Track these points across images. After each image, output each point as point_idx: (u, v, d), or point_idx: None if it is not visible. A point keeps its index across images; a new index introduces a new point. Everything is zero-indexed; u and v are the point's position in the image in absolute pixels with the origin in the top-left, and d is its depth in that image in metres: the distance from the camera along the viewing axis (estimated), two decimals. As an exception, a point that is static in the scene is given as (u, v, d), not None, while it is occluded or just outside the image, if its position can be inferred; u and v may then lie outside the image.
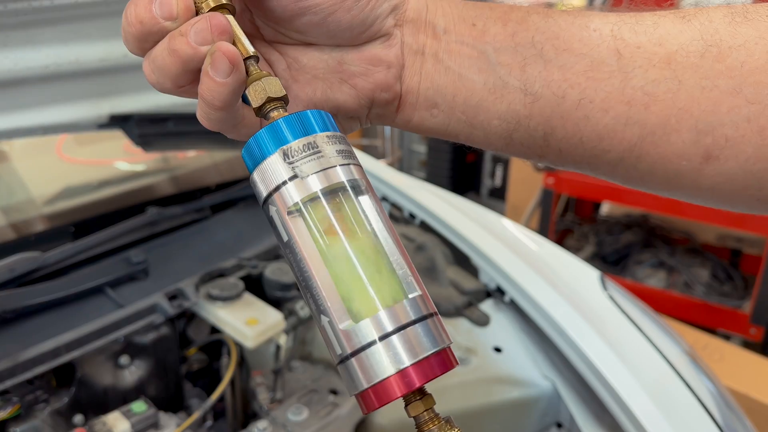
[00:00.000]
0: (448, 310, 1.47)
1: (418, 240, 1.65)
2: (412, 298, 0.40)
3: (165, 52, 0.42)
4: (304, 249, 0.41)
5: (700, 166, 0.43)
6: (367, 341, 0.39)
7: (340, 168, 0.42)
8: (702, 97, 0.41)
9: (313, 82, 0.49)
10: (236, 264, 1.49)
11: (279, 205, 0.41)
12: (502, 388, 1.31)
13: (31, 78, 1.21)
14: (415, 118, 0.50)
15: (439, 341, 0.40)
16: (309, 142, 0.41)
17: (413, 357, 0.39)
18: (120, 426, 1.12)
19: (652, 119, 0.42)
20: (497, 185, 4.65)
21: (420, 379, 0.39)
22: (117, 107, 1.42)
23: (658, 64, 0.42)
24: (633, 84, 0.42)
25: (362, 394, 0.40)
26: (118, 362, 1.28)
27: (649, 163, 0.44)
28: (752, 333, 2.90)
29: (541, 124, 0.45)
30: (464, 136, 0.50)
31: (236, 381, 1.38)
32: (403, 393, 0.39)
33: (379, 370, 0.39)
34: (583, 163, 0.47)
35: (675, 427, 1.14)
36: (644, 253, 3.38)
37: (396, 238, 0.43)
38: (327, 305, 0.40)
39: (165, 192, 1.76)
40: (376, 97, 0.48)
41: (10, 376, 1.11)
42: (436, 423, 0.40)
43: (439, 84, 0.48)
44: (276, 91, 0.44)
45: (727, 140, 0.41)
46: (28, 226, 1.59)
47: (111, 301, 1.34)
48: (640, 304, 1.49)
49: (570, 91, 0.44)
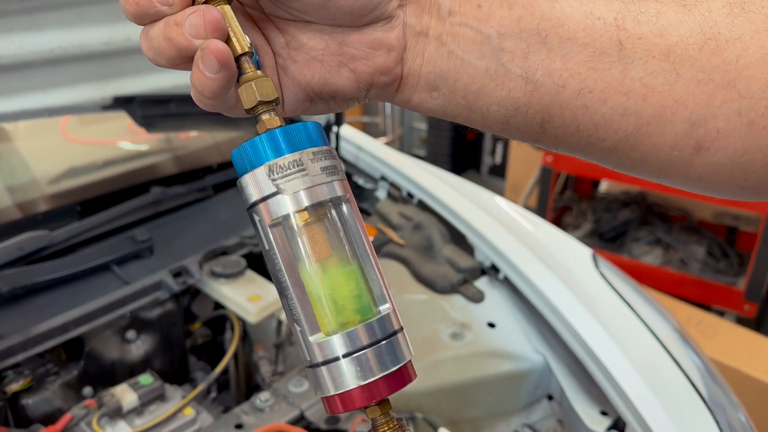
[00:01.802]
0: (444, 287, 1.51)
1: (415, 219, 1.69)
2: (382, 316, 0.44)
3: (161, 36, 0.43)
4: (282, 261, 0.43)
5: (690, 156, 0.44)
6: (335, 355, 0.42)
7: (323, 186, 0.43)
8: (697, 90, 0.42)
9: (311, 63, 0.48)
10: (238, 242, 1.53)
11: (263, 215, 0.43)
12: (495, 362, 1.35)
13: (37, 61, 1.24)
14: (415, 99, 0.49)
15: (401, 357, 0.43)
16: (295, 160, 0.43)
17: (378, 372, 0.42)
18: (128, 397, 1.17)
19: (649, 110, 0.43)
20: (497, 163, 4.67)
21: (382, 393, 0.43)
22: (120, 89, 1.44)
23: (657, 56, 0.42)
24: (632, 75, 0.43)
25: (328, 398, 0.44)
26: (124, 337, 1.33)
27: (642, 153, 0.45)
28: (746, 309, 2.94)
29: (540, 112, 0.45)
30: (462, 119, 0.50)
31: (239, 355, 1.43)
32: (366, 404, 0.43)
33: (346, 381, 0.42)
34: (578, 149, 0.48)
35: (661, 400, 1.18)
36: (641, 231, 3.41)
37: (372, 252, 0.45)
38: (300, 317, 0.43)
39: (168, 171, 1.79)
40: (376, 80, 0.48)
41: (22, 350, 1.16)
42: (390, 425, 0.44)
43: (441, 68, 0.47)
44: (267, 95, 0.44)
45: (719, 132, 0.42)
46: (35, 205, 1.63)
47: (117, 278, 1.38)
48: (630, 282, 1.53)
49: (570, 80, 0.44)
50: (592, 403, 1.28)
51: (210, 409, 1.28)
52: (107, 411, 1.14)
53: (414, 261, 1.58)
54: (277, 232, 0.43)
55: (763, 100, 0.41)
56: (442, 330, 1.39)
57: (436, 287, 1.51)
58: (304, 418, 1.19)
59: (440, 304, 1.47)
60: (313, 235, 0.43)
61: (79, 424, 1.13)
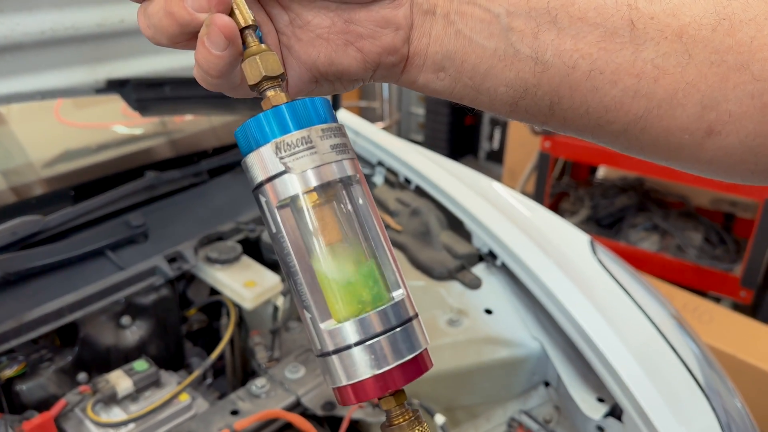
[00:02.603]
0: (442, 274, 1.50)
1: (413, 205, 1.68)
2: (396, 302, 0.41)
3: (162, 12, 0.41)
4: (291, 244, 0.41)
5: (701, 140, 0.43)
6: (348, 342, 0.40)
7: (333, 165, 0.41)
8: (710, 72, 0.41)
9: (316, 42, 0.46)
10: (234, 227, 1.52)
11: (270, 196, 0.41)
12: (492, 348, 1.35)
13: (29, 43, 1.22)
14: (420, 79, 0.48)
15: (416, 345, 0.41)
16: (303, 137, 0.40)
17: (392, 361, 0.40)
18: (123, 384, 1.16)
19: (660, 93, 0.42)
20: (495, 148, 4.65)
21: (397, 383, 0.41)
22: (114, 72, 1.42)
23: (670, 37, 0.41)
24: (644, 56, 0.41)
25: (340, 389, 0.42)
26: (119, 322, 1.32)
27: (653, 136, 0.44)
28: (742, 296, 2.95)
29: (549, 94, 0.44)
30: (469, 100, 0.48)
31: (235, 340, 1.42)
32: (380, 395, 0.41)
33: (359, 370, 0.40)
34: (587, 132, 0.47)
35: (657, 386, 1.18)
36: (638, 217, 3.41)
37: (384, 235, 0.43)
38: (310, 302, 0.41)
39: (163, 156, 1.78)
40: (383, 60, 0.46)
41: (16, 335, 1.15)
42: (406, 417, 0.42)
43: (448, 48, 0.46)
44: (273, 69, 0.42)
45: (730, 116, 0.41)
46: (29, 189, 1.61)
47: (112, 264, 1.37)
48: (628, 268, 1.52)
49: (581, 61, 0.43)
50: (589, 390, 1.28)
51: (206, 395, 1.28)
52: (102, 397, 1.14)
53: (411, 247, 1.58)
54: (284, 213, 0.41)
55: None
56: (439, 316, 1.39)
57: (434, 273, 1.51)
58: (301, 404, 1.19)
59: (437, 291, 1.46)
60: (323, 217, 0.41)
61: (73, 410, 1.13)
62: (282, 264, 0.42)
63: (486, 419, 1.34)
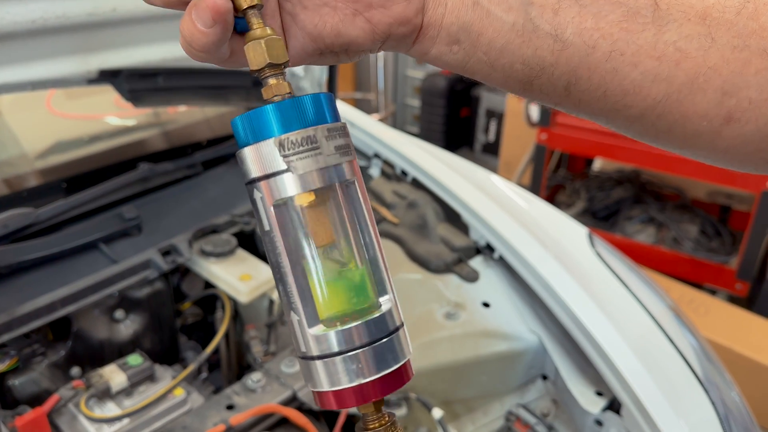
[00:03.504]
0: (439, 267, 1.49)
1: (409, 197, 1.66)
2: (383, 313, 0.41)
3: None
4: (283, 244, 0.40)
5: (719, 127, 0.42)
6: (334, 350, 0.40)
7: (335, 168, 0.40)
8: (732, 56, 0.40)
9: (323, 11, 0.44)
10: (229, 220, 1.50)
11: (265, 193, 0.39)
12: (489, 342, 1.34)
13: (18, 32, 1.19)
14: (433, 51, 0.46)
15: (399, 357, 0.41)
16: (309, 136, 0.39)
17: (375, 373, 0.40)
18: (116, 378, 1.15)
19: (681, 77, 0.41)
20: (491, 140, 4.64)
21: (378, 394, 0.40)
22: (106, 62, 1.40)
23: (693, 19, 0.40)
24: (666, 38, 0.41)
25: (321, 393, 0.41)
26: (113, 316, 1.30)
27: (670, 122, 0.43)
28: (738, 288, 2.95)
29: (566, 74, 0.43)
30: (482, 75, 0.47)
31: (230, 334, 1.41)
32: (360, 404, 0.41)
33: (341, 379, 0.40)
34: (602, 115, 0.45)
35: (656, 379, 1.17)
36: (634, 209, 3.40)
37: (377, 238, 0.42)
38: (299, 305, 0.40)
39: (156, 147, 1.76)
40: (393, 31, 0.44)
41: (7, 330, 1.13)
42: (382, 423, 0.42)
43: (464, 20, 0.44)
44: (278, 56, 0.41)
45: (750, 102, 0.40)
46: (20, 181, 1.59)
47: (105, 257, 1.36)
48: (627, 261, 1.52)
49: (602, 41, 0.41)
50: (588, 384, 1.27)
51: (201, 390, 1.26)
52: (96, 392, 1.13)
53: (408, 240, 1.56)
54: (279, 212, 0.40)
55: None
56: (437, 310, 1.38)
57: (431, 266, 1.49)
58: (297, 399, 1.18)
59: (434, 284, 1.45)
60: (318, 219, 0.40)
61: (66, 405, 1.11)
62: (272, 264, 0.41)
63: (483, 413, 1.34)
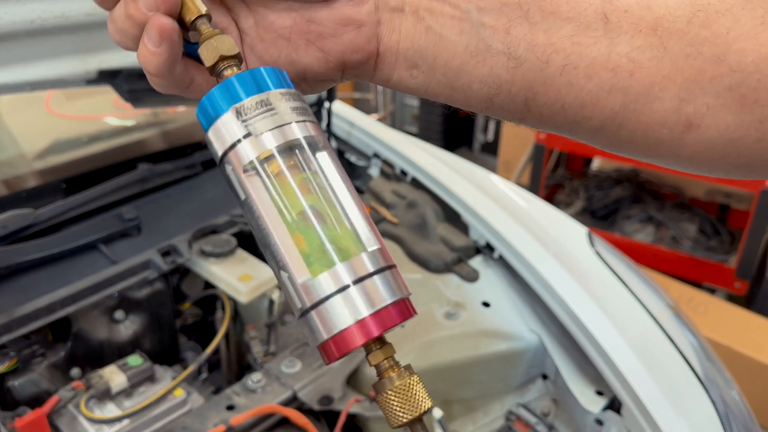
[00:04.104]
0: (439, 266, 1.49)
1: (409, 197, 1.66)
2: (371, 251, 0.41)
3: (123, 15, 0.43)
4: (261, 207, 0.41)
5: (681, 135, 0.42)
6: (325, 294, 0.40)
7: (295, 125, 0.41)
8: (686, 65, 0.40)
9: (278, 42, 0.47)
10: (228, 220, 1.50)
11: (234, 163, 0.41)
12: (489, 341, 1.34)
13: (17, 33, 1.19)
14: (394, 77, 0.48)
15: (397, 292, 0.41)
16: (262, 100, 0.41)
17: (371, 307, 0.39)
18: (116, 379, 1.15)
19: (636, 87, 0.42)
20: (489, 140, 4.64)
21: (378, 329, 0.40)
22: (105, 62, 1.39)
23: (644, 30, 0.41)
24: (618, 50, 0.41)
25: (323, 345, 0.41)
26: (113, 317, 1.30)
27: (630, 131, 0.44)
28: (737, 287, 2.95)
29: (523, 90, 0.44)
30: (444, 98, 0.48)
31: (230, 334, 1.41)
32: (363, 342, 0.40)
33: (338, 321, 0.39)
34: (564, 128, 0.46)
35: (656, 378, 1.17)
36: (633, 208, 3.41)
37: (354, 193, 0.43)
38: (286, 260, 0.40)
39: (156, 148, 1.75)
40: (347, 59, 0.47)
41: (7, 331, 1.13)
42: (395, 370, 0.41)
43: (419, 45, 0.46)
44: (228, 49, 0.43)
45: (708, 108, 0.41)
46: (19, 182, 1.59)
47: (104, 257, 1.35)
48: (626, 260, 1.52)
49: (554, 56, 0.42)
50: (588, 383, 1.27)
51: (201, 390, 1.26)
52: (95, 393, 1.12)
53: (407, 239, 1.56)
54: (251, 178, 0.41)
55: (754, 74, 0.39)
56: (436, 309, 1.38)
57: (430, 266, 1.49)
58: (297, 399, 1.18)
59: (434, 284, 1.45)
60: (289, 177, 0.41)
61: (66, 406, 1.11)
62: (254, 230, 0.42)
63: (484, 413, 1.34)
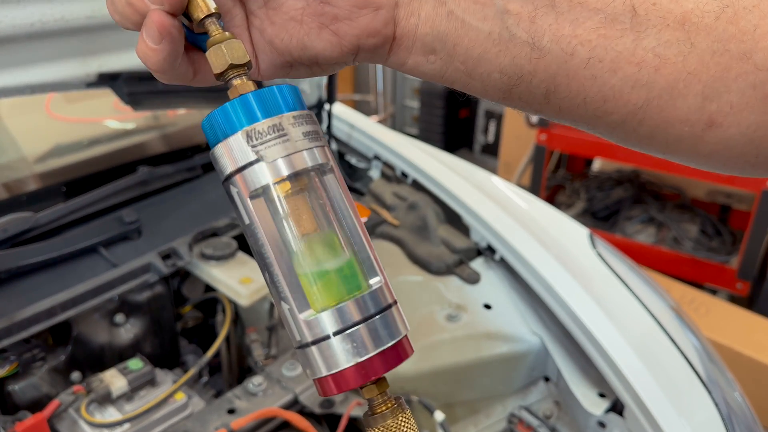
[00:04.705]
0: (440, 269, 1.49)
1: (410, 199, 1.66)
2: (373, 289, 0.41)
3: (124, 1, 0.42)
4: (265, 235, 0.40)
5: (702, 132, 0.41)
6: (327, 333, 0.39)
7: (305, 153, 0.40)
8: (712, 61, 0.39)
9: (289, 25, 0.44)
10: (229, 223, 1.50)
11: (241, 186, 0.40)
12: (491, 344, 1.34)
13: (17, 36, 1.19)
14: (410, 62, 0.46)
15: (396, 332, 0.41)
16: (275, 124, 0.40)
17: (373, 349, 0.40)
18: (117, 383, 1.15)
19: (661, 82, 0.40)
20: (490, 141, 4.64)
21: (377, 371, 0.40)
22: (105, 65, 1.39)
23: (672, 24, 0.40)
24: (644, 45, 0.40)
25: (321, 380, 0.41)
26: (113, 320, 1.30)
27: (651, 127, 0.43)
28: (739, 288, 2.95)
29: (545, 81, 0.43)
30: (460, 85, 0.46)
31: (231, 338, 1.40)
32: (361, 383, 0.40)
33: (339, 360, 0.40)
34: (582, 122, 0.45)
35: (659, 380, 1.17)
36: (634, 209, 3.40)
37: (359, 223, 0.42)
38: (287, 293, 0.40)
39: (156, 150, 1.75)
40: (362, 43, 0.44)
41: (7, 335, 1.13)
42: (388, 405, 0.41)
43: (439, 30, 0.44)
44: (239, 58, 0.42)
45: (732, 107, 0.40)
46: (20, 185, 1.59)
47: (105, 261, 1.35)
48: (628, 262, 1.51)
49: (580, 48, 0.41)
50: (590, 385, 1.27)
51: (202, 394, 1.26)
52: (96, 397, 1.12)
53: (408, 242, 1.56)
54: (257, 204, 0.40)
55: None
56: (438, 312, 1.37)
57: (431, 268, 1.49)
58: (298, 402, 1.17)
59: (435, 286, 1.45)
60: (296, 206, 0.41)
61: (67, 410, 1.11)
62: (257, 256, 0.41)
63: (486, 415, 1.33)
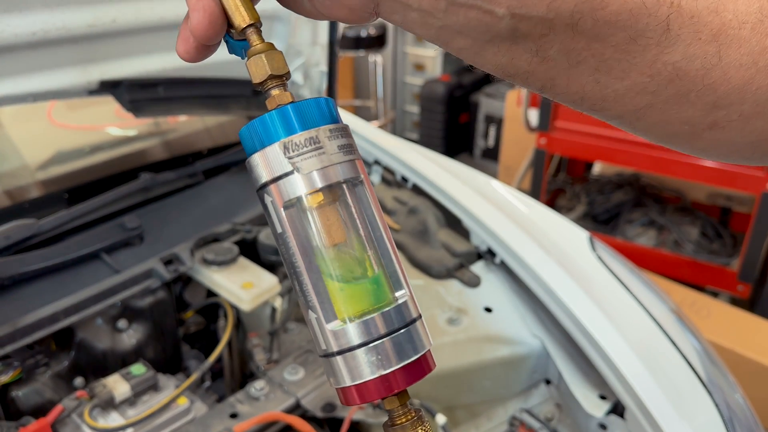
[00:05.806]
0: (440, 272, 1.49)
1: (410, 203, 1.67)
2: (399, 303, 0.42)
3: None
4: (297, 244, 0.41)
5: (701, 132, 0.40)
6: (354, 344, 0.40)
7: (339, 166, 0.41)
8: (736, 75, 0.37)
9: None
10: (230, 229, 1.51)
11: (275, 196, 0.41)
12: (492, 347, 1.34)
13: (19, 45, 1.20)
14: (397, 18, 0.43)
15: (420, 347, 0.42)
16: (311, 137, 0.41)
17: (398, 362, 0.40)
18: (120, 388, 1.15)
19: (670, 91, 0.38)
20: (490, 146, 4.64)
21: (401, 384, 0.41)
22: (107, 73, 1.41)
23: (704, 38, 0.37)
24: (666, 59, 0.37)
25: (344, 389, 0.42)
26: (116, 326, 1.30)
27: (648, 124, 0.41)
28: (740, 290, 2.95)
29: (542, 80, 0.41)
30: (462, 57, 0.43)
31: (233, 342, 1.41)
32: (384, 396, 0.41)
33: (364, 371, 0.40)
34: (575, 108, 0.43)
35: (660, 382, 1.17)
36: (635, 212, 3.40)
37: (388, 235, 0.43)
38: (315, 303, 0.41)
39: (157, 157, 1.76)
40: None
41: (10, 341, 1.13)
42: (408, 417, 0.42)
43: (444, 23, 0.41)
44: (278, 68, 0.43)
45: (741, 115, 0.39)
46: (22, 192, 1.59)
47: (107, 267, 1.36)
48: (628, 264, 1.52)
49: (590, 59, 0.38)
50: (591, 387, 1.27)
51: (204, 398, 1.26)
52: (99, 402, 1.12)
53: (409, 246, 1.57)
54: (290, 214, 0.41)
55: None
56: (439, 315, 1.38)
57: (432, 272, 1.50)
58: (300, 406, 1.18)
59: (436, 289, 1.45)
60: (328, 218, 0.41)
61: (70, 415, 1.11)
62: (287, 264, 0.42)
63: (487, 418, 1.34)
